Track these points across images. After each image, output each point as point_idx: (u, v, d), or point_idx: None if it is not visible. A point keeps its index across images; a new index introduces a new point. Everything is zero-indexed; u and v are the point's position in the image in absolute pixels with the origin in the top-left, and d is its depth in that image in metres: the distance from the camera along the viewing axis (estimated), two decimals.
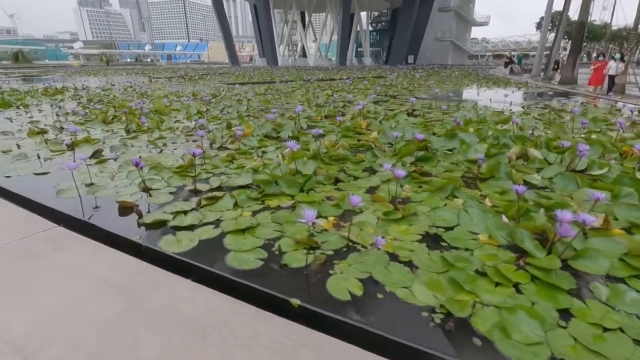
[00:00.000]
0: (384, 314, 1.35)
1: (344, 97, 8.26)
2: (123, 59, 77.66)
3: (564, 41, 29.98)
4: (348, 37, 43.38)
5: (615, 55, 11.39)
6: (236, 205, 2.29)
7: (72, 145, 3.71)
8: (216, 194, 2.42)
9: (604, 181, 2.64)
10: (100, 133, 4.63)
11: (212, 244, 1.86)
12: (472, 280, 1.48)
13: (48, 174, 3.03)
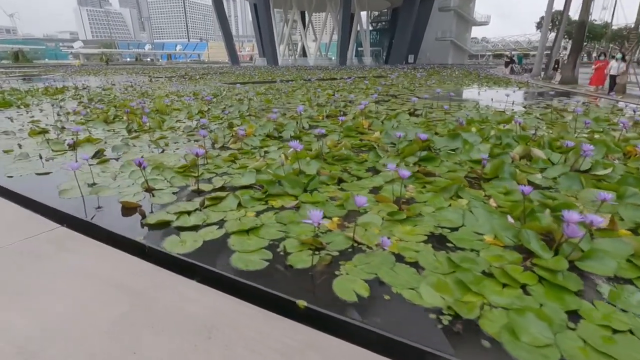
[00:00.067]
0: (391, 315, 1.34)
1: (345, 97, 8.25)
2: (123, 59, 77.58)
3: (564, 41, 29.96)
4: (348, 37, 43.37)
5: (616, 55, 11.37)
6: (240, 206, 2.28)
7: (74, 145, 3.70)
8: (219, 194, 2.41)
9: (608, 181, 2.63)
10: (102, 133, 4.62)
11: (217, 245, 1.85)
12: (479, 282, 1.47)
13: (50, 174, 3.02)
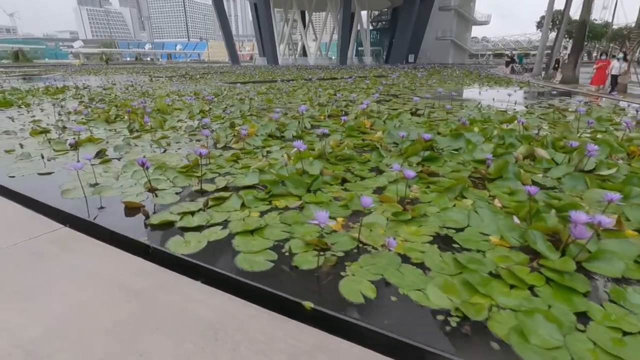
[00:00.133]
0: (399, 317, 1.33)
1: (346, 96, 8.23)
2: (123, 58, 77.51)
3: (565, 40, 29.93)
4: (349, 36, 43.33)
5: (618, 55, 11.36)
6: (243, 206, 2.27)
7: (76, 144, 3.69)
8: (223, 194, 2.41)
9: (613, 181, 2.62)
10: (103, 132, 4.61)
11: (221, 245, 1.84)
12: (487, 283, 1.47)
13: (52, 173, 3.01)
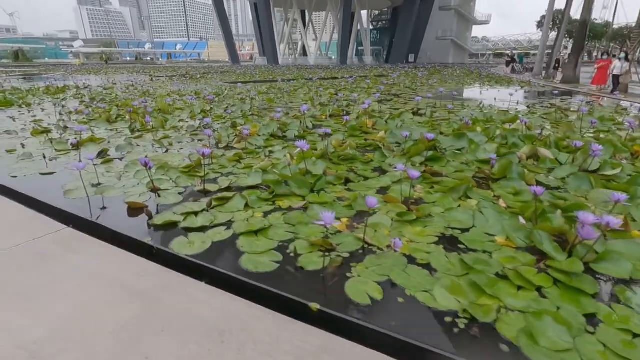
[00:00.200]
0: (406, 318, 1.32)
1: (347, 96, 8.22)
2: (123, 58, 77.45)
3: (565, 40, 29.92)
4: (349, 36, 43.29)
5: (620, 55, 11.34)
6: (247, 206, 2.25)
7: (78, 144, 3.68)
8: (226, 194, 2.39)
9: (617, 182, 2.61)
10: (105, 132, 4.59)
11: (225, 246, 1.83)
12: (494, 284, 1.45)
13: (54, 174, 3.00)
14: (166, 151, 3.70)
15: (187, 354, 1.21)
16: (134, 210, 2.24)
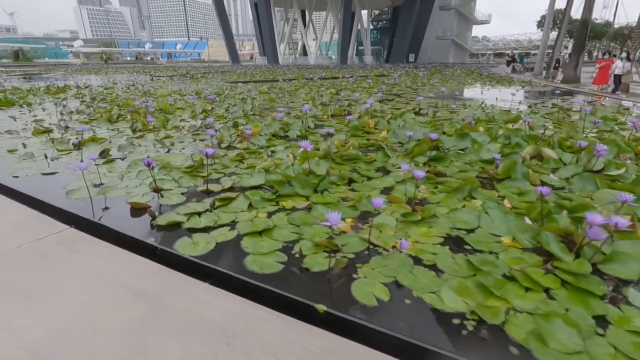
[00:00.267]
0: (413, 320, 1.31)
1: (348, 96, 8.21)
2: (123, 58, 77.37)
3: (565, 40, 29.85)
4: (349, 36, 43.25)
5: (621, 55, 11.33)
6: (251, 207, 2.24)
7: (79, 144, 3.67)
8: (229, 194, 2.38)
9: (622, 182, 2.60)
10: (106, 132, 4.58)
11: (230, 247, 1.82)
12: (501, 285, 1.44)
13: (56, 173, 2.99)
14: (168, 151, 3.69)
15: (192, 356, 1.20)
16: (137, 210, 2.23)
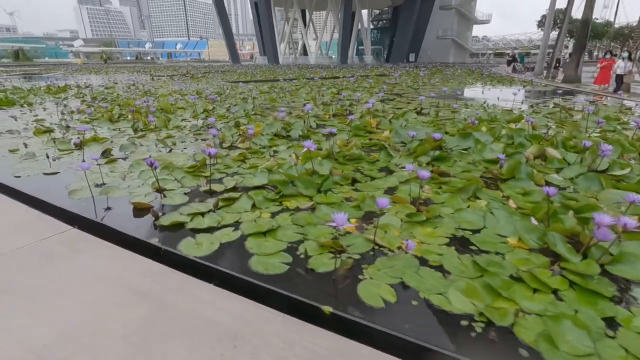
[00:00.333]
0: (421, 321, 1.30)
1: (350, 96, 8.19)
2: (123, 57, 77.30)
3: (566, 39, 29.81)
4: (349, 35, 43.21)
5: (623, 55, 11.31)
6: (254, 207, 2.23)
7: (81, 144, 3.65)
8: (232, 194, 2.37)
9: (627, 182, 2.58)
10: (107, 132, 4.57)
11: (234, 247, 1.80)
12: (509, 286, 1.43)
13: (58, 173, 2.97)
14: (170, 151, 3.68)
15: (197, 357, 1.18)
16: (140, 210, 2.22)
